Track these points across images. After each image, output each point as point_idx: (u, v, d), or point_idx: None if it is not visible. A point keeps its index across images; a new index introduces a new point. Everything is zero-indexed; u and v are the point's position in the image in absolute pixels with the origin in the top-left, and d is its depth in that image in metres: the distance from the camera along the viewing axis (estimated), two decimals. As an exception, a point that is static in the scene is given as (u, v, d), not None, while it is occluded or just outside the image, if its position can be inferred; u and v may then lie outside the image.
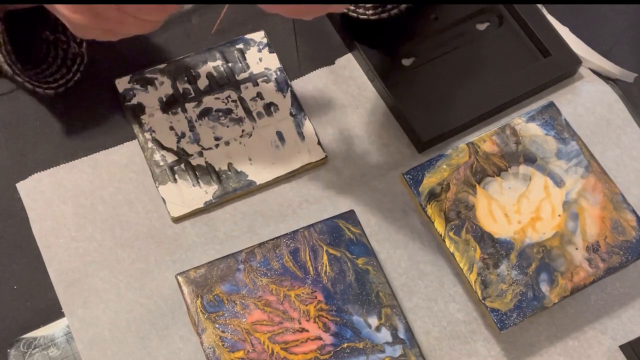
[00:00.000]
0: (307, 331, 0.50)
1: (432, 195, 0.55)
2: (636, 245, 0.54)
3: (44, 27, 0.58)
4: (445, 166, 0.56)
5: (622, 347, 0.55)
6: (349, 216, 0.54)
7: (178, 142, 0.59)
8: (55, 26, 0.58)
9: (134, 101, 0.60)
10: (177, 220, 0.57)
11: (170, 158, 0.58)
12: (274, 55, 0.63)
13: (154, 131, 0.59)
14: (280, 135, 0.60)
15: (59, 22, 0.57)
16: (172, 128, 0.60)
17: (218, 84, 0.62)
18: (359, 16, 0.62)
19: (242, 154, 0.59)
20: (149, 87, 0.61)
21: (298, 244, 0.53)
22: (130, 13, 0.46)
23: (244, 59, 0.63)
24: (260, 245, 0.53)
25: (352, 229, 0.54)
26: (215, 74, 0.62)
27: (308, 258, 0.52)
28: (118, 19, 0.47)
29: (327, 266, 0.52)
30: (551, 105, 0.59)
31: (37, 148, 0.59)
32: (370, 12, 0.61)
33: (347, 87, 0.63)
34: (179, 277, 0.51)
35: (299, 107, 0.61)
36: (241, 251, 0.52)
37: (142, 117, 0.60)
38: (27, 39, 0.58)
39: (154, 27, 0.49)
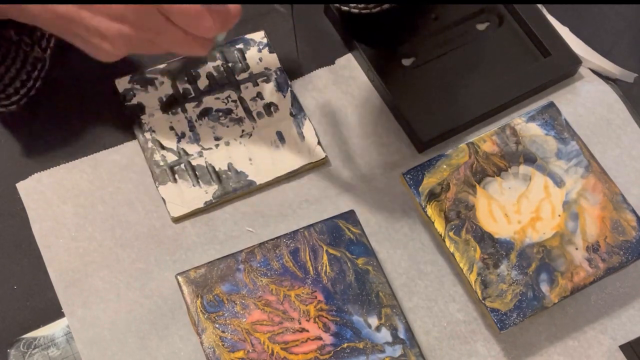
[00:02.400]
0: (307, 331, 0.50)
1: (432, 195, 0.55)
2: (636, 245, 0.54)
3: (10, 26, 0.53)
4: (445, 166, 0.56)
5: (622, 347, 0.55)
6: (349, 216, 0.54)
7: (178, 142, 0.59)
8: (22, 27, 0.52)
9: (134, 101, 0.60)
10: (177, 220, 0.57)
11: (170, 158, 0.58)
12: (274, 55, 0.63)
13: (154, 131, 0.59)
14: (280, 135, 0.60)
15: (27, 25, 0.51)
16: (172, 128, 0.60)
17: (218, 84, 0.62)
18: (361, 11, 0.61)
19: (242, 154, 0.59)
20: (149, 87, 0.61)
21: (298, 244, 0.53)
22: (178, 23, 0.42)
23: (244, 59, 0.63)
24: (260, 245, 0.53)
25: (352, 229, 0.54)
26: (215, 74, 0.62)
27: (308, 258, 0.52)
28: (160, 28, 0.42)
29: (327, 266, 0.52)
30: (551, 105, 0.59)
31: (37, 148, 0.59)
32: (372, 5, 0.61)
33: (347, 87, 0.63)
34: (179, 277, 0.51)
35: (299, 107, 0.61)
36: (241, 251, 0.52)
37: (142, 117, 0.60)
38: None
39: (203, 49, 0.45)
